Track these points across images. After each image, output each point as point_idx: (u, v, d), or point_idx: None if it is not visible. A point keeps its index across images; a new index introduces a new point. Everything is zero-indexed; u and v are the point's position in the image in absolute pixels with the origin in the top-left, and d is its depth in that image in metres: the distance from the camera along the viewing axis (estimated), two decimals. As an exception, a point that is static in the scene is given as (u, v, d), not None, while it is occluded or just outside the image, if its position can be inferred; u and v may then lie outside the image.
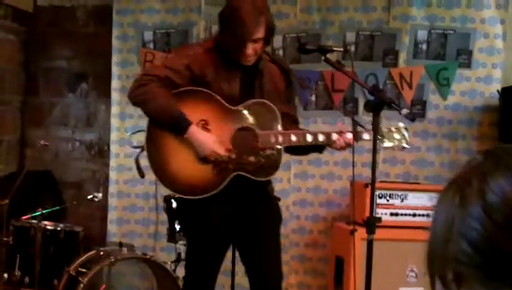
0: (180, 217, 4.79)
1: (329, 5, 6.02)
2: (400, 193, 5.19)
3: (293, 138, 3.77)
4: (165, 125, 3.82)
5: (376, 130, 3.63)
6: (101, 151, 6.54)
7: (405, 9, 5.90)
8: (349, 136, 3.79)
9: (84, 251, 5.02)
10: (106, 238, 6.24)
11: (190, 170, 3.85)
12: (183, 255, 4.90)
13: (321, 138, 3.79)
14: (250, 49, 3.66)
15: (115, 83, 6.37)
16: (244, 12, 3.58)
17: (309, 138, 3.79)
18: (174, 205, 4.88)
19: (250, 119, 3.83)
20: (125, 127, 6.31)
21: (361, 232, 4.31)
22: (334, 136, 3.78)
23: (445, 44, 5.85)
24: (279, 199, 4.18)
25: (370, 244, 3.63)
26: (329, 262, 5.56)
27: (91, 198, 5.26)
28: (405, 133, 3.91)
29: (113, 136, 6.37)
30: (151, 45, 6.36)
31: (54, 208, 5.25)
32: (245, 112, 3.83)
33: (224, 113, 3.83)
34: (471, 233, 1.01)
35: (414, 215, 5.16)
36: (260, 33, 3.64)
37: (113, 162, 6.35)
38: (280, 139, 3.77)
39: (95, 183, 6.33)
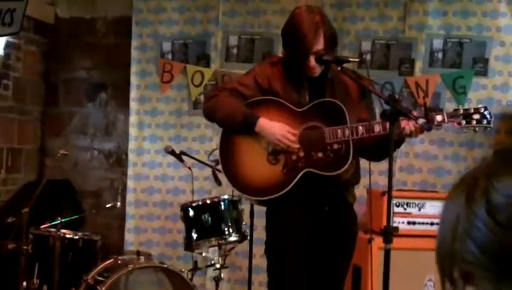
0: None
1: (346, 14, 6.00)
2: (417, 202, 5.08)
3: (361, 129, 3.68)
4: (236, 128, 3.85)
5: (392, 140, 3.51)
6: (119, 160, 6.54)
7: (421, 19, 5.84)
8: (420, 121, 3.58)
9: (102, 260, 4.96)
10: (124, 246, 6.22)
11: (260, 172, 3.85)
12: (199, 264, 4.83)
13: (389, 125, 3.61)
14: (313, 61, 3.67)
15: (133, 93, 6.39)
16: (303, 27, 3.62)
17: (377, 127, 3.67)
18: (191, 213, 4.80)
19: (317, 118, 3.79)
20: (143, 136, 6.32)
21: (378, 241, 4.19)
22: (404, 122, 3.63)
23: (461, 52, 5.76)
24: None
25: (387, 253, 3.53)
26: (347, 271, 5.45)
27: (109, 207, 5.23)
28: (486, 113, 3.71)
29: (131, 145, 6.36)
30: (170, 56, 6.37)
31: (73, 217, 5.22)
32: (312, 112, 3.79)
33: (292, 115, 3.81)
34: (476, 233, 1.00)
35: (432, 224, 5.05)
36: (320, 45, 3.64)
37: (130, 171, 6.34)
38: (347, 131, 3.68)
39: (113, 192, 6.33)
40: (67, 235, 4.93)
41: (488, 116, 3.68)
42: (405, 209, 5.03)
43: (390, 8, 5.91)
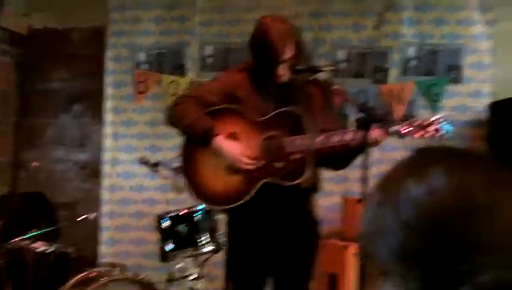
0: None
1: (321, 23, 5.99)
2: (392, 208, 5.04)
3: (320, 138, 3.68)
4: (196, 139, 3.86)
5: (365, 146, 3.52)
6: (94, 172, 6.47)
7: (395, 28, 5.85)
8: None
9: (77, 272, 4.89)
10: (99, 258, 6.16)
11: (221, 182, 3.87)
12: (175, 275, 4.78)
13: (348, 136, 3.65)
14: (282, 69, 3.71)
15: (108, 104, 6.34)
16: (271, 36, 3.63)
17: (336, 137, 3.67)
18: (167, 224, 4.75)
19: (277, 128, 3.80)
20: (117, 147, 6.28)
21: (354, 249, 4.18)
22: (362, 133, 3.62)
23: (435, 60, 5.78)
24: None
25: (362, 261, 3.48)
26: (323, 279, 5.41)
27: (84, 218, 5.18)
28: (443, 123, 3.68)
29: (106, 156, 6.32)
30: (145, 66, 6.30)
31: (47, 229, 5.17)
32: (272, 121, 3.81)
33: (252, 125, 3.83)
34: (386, 233, 1.02)
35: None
36: (289, 53, 3.67)
37: (105, 182, 6.30)
38: (306, 141, 3.70)
39: (88, 203, 6.25)
40: (42, 248, 4.91)
41: (445, 126, 3.68)
42: (380, 216, 5.00)
43: (365, 17, 5.92)
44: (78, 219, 5.19)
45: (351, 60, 5.92)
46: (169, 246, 4.73)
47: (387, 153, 5.67)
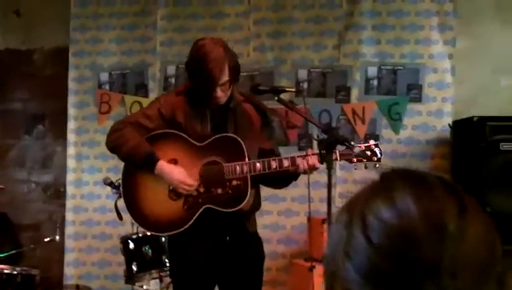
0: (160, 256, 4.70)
1: (282, 44, 5.99)
2: (357, 228, 5.04)
3: (258, 165, 3.70)
4: (137, 166, 3.83)
5: (330, 168, 3.53)
6: (57, 193, 6.39)
7: (355, 47, 5.87)
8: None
9: (43, 294, 4.84)
10: (63, 280, 6.07)
11: (162, 208, 3.84)
12: (140, 297, 4.73)
13: (286, 163, 3.70)
14: (219, 92, 3.69)
15: (71, 124, 6.27)
16: (208, 61, 3.61)
17: (273, 164, 3.70)
18: (131, 246, 4.71)
19: (217, 153, 3.80)
20: (81, 168, 6.21)
21: (320, 269, 4.16)
22: (299, 160, 3.69)
23: (395, 80, 5.80)
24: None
25: (328, 282, 3.47)
26: (288, 298, 5.39)
27: (48, 240, 5.12)
28: (376, 149, 3.76)
29: (70, 177, 6.24)
30: (107, 86, 6.26)
31: (11, 252, 5.10)
32: (212, 147, 3.80)
33: (192, 150, 3.82)
34: (353, 253, 1.02)
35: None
36: (225, 76, 3.66)
37: (69, 204, 6.21)
38: (245, 168, 3.70)
39: (52, 225, 6.12)
40: (5, 271, 4.84)
41: (378, 153, 3.74)
42: (345, 235, 4.99)
43: (326, 37, 5.93)
44: (46, 239, 5.14)
45: (312, 80, 5.92)
46: (135, 268, 4.69)
47: (351, 172, 5.69)
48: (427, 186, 1.05)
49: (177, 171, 3.76)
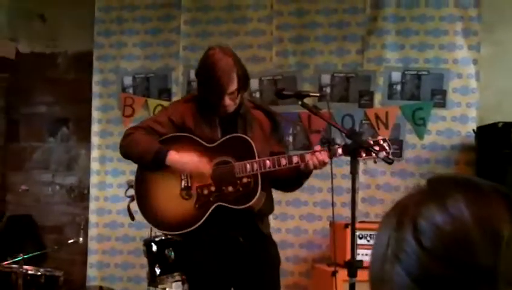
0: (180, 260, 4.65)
1: (305, 48, 5.95)
2: (380, 233, 4.98)
3: (268, 162, 3.75)
4: (149, 165, 3.87)
5: (354, 173, 3.51)
6: (81, 195, 6.40)
7: (379, 52, 5.81)
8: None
9: (66, 296, 4.86)
10: (86, 282, 6.08)
11: (174, 207, 3.89)
12: (163, 299, 4.71)
13: (295, 159, 3.73)
14: (228, 100, 3.74)
15: (95, 127, 6.29)
16: (217, 69, 3.67)
17: (283, 161, 3.74)
18: (154, 248, 4.69)
19: (228, 153, 3.85)
20: (105, 171, 6.23)
21: (342, 274, 4.12)
22: (308, 156, 3.72)
23: (419, 85, 5.73)
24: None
25: (352, 287, 3.47)
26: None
27: (72, 242, 5.14)
28: (385, 144, 3.74)
29: (93, 179, 6.25)
30: (131, 90, 6.26)
31: (35, 253, 5.15)
32: (222, 147, 3.85)
33: (203, 151, 3.85)
34: (404, 256, 1.02)
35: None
36: (234, 85, 3.72)
37: (92, 206, 6.22)
38: (255, 166, 3.75)
39: (76, 227, 6.15)
40: (30, 272, 4.87)
41: (387, 147, 3.73)
42: (368, 241, 4.92)
43: (349, 42, 5.88)
44: (70, 241, 5.17)
45: (335, 85, 5.88)
46: (157, 270, 4.67)
47: (374, 178, 5.65)
48: (479, 192, 1.05)
49: (188, 156, 3.80)
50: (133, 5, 6.30)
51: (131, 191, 4.11)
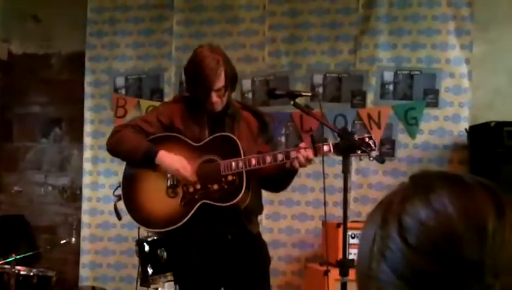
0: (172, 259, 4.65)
1: (297, 48, 5.92)
2: (372, 233, 4.96)
3: (253, 160, 3.76)
4: (138, 162, 3.90)
5: (346, 172, 3.51)
6: (73, 195, 6.38)
7: (371, 52, 5.78)
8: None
9: (59, 296, 4.84)
10: (79, 282, 6.06)
11: (160, 205, 3.92)
12: (155, 299, 4.69)
13: (280, 156, 3.74)
14: (215, 97, 3.77)
15: (87, 128, 6.27)
16: (205, 66, 3.71)
17: (268, 158, 3.75)
18: (147, 248, 4.66)
19: (214, 152, 3.88)
20: (97, 171, 6.21)
21: (335, 273, 4.10)
22: (293, 154, 3.71)
23: (411, 84, 5.71)
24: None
25: (344, 286, 3.45)
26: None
27: (64, 242, 5.13)
28: (370, 142, 3.74)
29: (86, 180, 6.23)
30: (123, 91, 6.24)
31: (28, 253, 5.16)
32: (208, 146, 3.89)
33: (191, 150, 3.89)
34: (389, 254, 1.02)
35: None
36: (221, 82, 3.75)
37: (85, 206, 6.20)
38: (241, 164, 3.77)
39: (68, 227, 6.14)
40: (22, 272, 4.86)
41: (372, 145, 3.72)
42: (360, 240, 4.91)
43: (341, 42, 5.85)
44: (62, 241, 5.16)
45: (327, 85, 5.85)
46: (149, 271, 4.64)
47: (366, 177, 5.63)
48: (463, 186, 1.04)
49: (177, 159, 3.83)
50: (125, 6, 6.27)
51: (119, 191, 4.10)
